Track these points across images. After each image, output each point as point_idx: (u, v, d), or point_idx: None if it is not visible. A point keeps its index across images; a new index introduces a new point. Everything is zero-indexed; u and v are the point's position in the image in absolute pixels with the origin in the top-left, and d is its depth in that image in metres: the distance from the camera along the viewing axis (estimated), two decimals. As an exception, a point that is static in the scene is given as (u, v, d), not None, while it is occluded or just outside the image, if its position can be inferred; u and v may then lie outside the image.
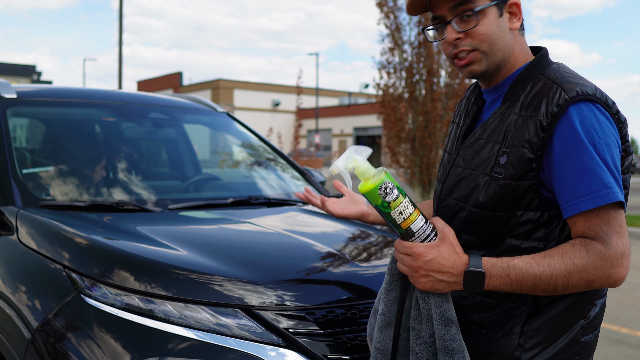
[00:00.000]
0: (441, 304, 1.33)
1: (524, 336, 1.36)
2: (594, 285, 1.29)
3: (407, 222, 1.32)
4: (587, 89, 1.31)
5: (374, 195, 1.32)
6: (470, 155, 1.44)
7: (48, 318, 1.81)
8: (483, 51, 1.41)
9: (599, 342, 4.55)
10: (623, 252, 1.27)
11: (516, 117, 1.37)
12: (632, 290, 6.37)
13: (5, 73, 40.83)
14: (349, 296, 1.85)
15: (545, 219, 1.35)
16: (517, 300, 1.38)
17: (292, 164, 3.45)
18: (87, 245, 1.97)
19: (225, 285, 1.77)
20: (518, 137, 1.34)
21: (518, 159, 1.33)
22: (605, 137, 1.29)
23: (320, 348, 1.71)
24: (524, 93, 1.38)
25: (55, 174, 2.73)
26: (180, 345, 1.66)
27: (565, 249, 1.29)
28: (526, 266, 1.28)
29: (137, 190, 2.78)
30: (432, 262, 1.30)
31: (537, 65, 1.42)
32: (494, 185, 1.36)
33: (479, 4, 1.39)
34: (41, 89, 3.22)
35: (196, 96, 3.82)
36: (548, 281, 1.28)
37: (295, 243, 2.16)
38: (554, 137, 1.30)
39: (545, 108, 1.31)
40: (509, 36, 1.42)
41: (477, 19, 1.38)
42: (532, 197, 1.34)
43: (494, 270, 1.29)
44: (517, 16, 1.42)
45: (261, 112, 47.53)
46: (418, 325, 1.38)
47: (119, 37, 19.48)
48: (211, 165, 3.86)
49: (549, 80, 1.36)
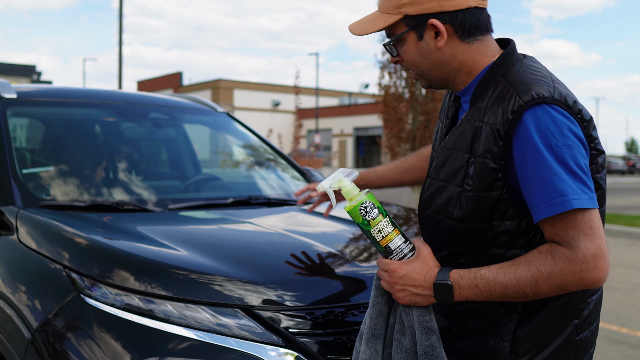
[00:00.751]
0: (423, 314, 1.38)
1: (516, 342, 1.36)
2: (568, 289, 1.27)
3: (386, 240, 1.40)
4: (543, 91, 1.29)
5: (356, 213, 1.41)
6: (440, 165, 1.44)
7: (48, 318, 1.81)
8: (417, 73, 1.48)
9: (599, 342, 4.55)
10: (594, 254, 1.23)
11: (480, 125, 1.35)
12: (632, 290, 6.37)
13: (5, 73, 40.83)
14: (349, 296, 1.85)
15: (524, 227, 1.34)
16: (507, 306, 1.37)
17: (292, 164, 3.45)
18: (87, 245, 1.97)
19: (225, 285, 1.77)
20: (481, 147, 1.33)
21: (482, 169, 1.32)
22: (565, 138, 1.26)
23: (320, 348, 1.71)
24: (487, 98, 1.36)
25: (55, 174, 2.73)
26: (180, 345, 1.66)
27: (532, 257, 1.28)
28: (493, 276, 1.29)
29: (137, 190, 2.78)
30: (405, 277, 1.36)
31: (499, 66, 1.39)
32: (465, 197, 1.36)
33: (396, 32, 1.44)
34: (41, 89, 3.22)
35: (196, 96, 3.82)
36: (516, 289, 1.28)
37: (295, 243, 2.16)
38: (512, 144, 1.29)
39: (502, 116, 1.30)
40: (437, 55, 1.41)
41: (400, 46, 1.45)
42: (506, 207, 1.33)
43: (462, 282, 1.32)
44: (442, 34, 1.39)
45: (261, 112, 47.52)
46: (401, 337, 1.41)
47: (119, 37, 19.48)
48: (211, 165, 3.86)
49: (507, 84, 1.34)
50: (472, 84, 1.43)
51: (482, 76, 1.40)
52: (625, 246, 9.57)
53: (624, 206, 16.58)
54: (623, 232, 10.65)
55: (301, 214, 2.66)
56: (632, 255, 8.74)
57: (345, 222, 2.54)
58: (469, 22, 1.39)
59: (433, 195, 1.44)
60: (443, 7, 1.37)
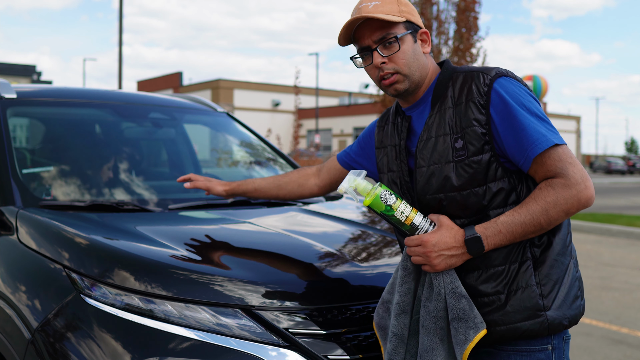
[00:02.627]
0: (452, 281, 1.57)
1: (540, 285, 1.57)
2: (571, 212, 1.52)
3: (409, 218, 1.60)
4: (501, 69, 1.63)
5: (378, 203, 1.58)
6: (427, 153, 1.65)
7: (48, 318, 1.81)
8: (404, 74, 1.68)
9: (599, 342, 4.55)
10: (582, 175, 1.52)
11: (452, 109, 1.63)
12: (632, 290, 6.37)
13: (5, 73, 40.82)
14: (349, 296, 1.85)
15: (513, 183, 1.59)
16: (517, 260, 1.58)
17: (292, 164, 3.45)
18: (87, 245, 1.97)
19: (225, 285, 1.77)
20: (464, 120, 1.59)
21: (473, 136, 1.58)
22: (527, 96, 1.59)
23: (320, 348, 1.71)
24: (449, 89, 1.66)
25: (55, 174, 2.73)
26: (181, 345, 1.66)
27: (536, 194, 1.54)
28: (510, 219, 1.53)
29: (137, 190, 2.78)
30: (438, 244, 1.56)
31: (447, 69, 1.71)
32: (461, 166, 1.59)
33: (398, 32, 1.67)
34: (41, 89, 3.22)
35: (196, 96, 3.82)
36: (532, 223, 1.52)
37: (295, 243, 2.16)
38: (490, 110, 1.57)
39: (477, 89, 1.60)
40: (423, 59, 1.71)
41: (398, 45, 1.66)
42: (496, 167, 1.57)
43: (487, 232, 1.54)
44: (427, 42, 1.73)
45: (261, 112, 47.51)
46: (428, 303, 1.60)
47: (119, 37, 19.48)
48: (211, 165, 3.85)
49: (467, 72, 1.65)
50: (426, 94, 1.72)
51: (438, 79, 1.70)
52: (625, 246, 9.57)
53: (624, 206, 16.58)
54: (623, 232, 10.65)
55: (301, 214, 2.66)
56: (632, 255, 8.73)
57: (345, 222, 2.54)
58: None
59: (429, 179, 1.64)
60: (420, 23, 1.73)
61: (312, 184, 2.18)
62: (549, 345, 1.60)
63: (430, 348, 1.58)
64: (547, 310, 1.57)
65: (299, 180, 2.20)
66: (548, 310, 1.57)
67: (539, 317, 1.56)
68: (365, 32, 1.69)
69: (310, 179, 2.19)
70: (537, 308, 1.56)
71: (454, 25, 16.23)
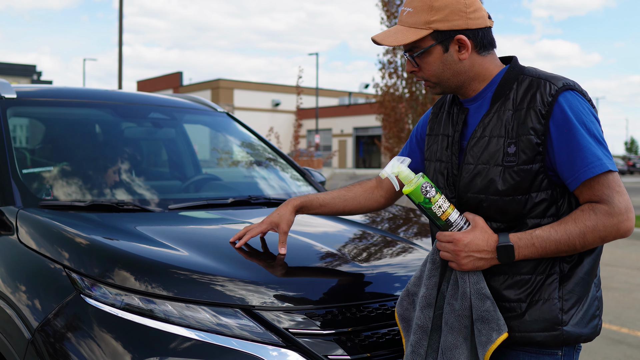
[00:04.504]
0: (478, 282, 1.58)
1: (562, 300, 1.57)
2: (607, 239, 1.52)
3: (446, 214, 1.59)
4: (568, 81, 1.58)
5: (417, 193, 1.59)
6: (478, 152, 1.62)
7: (48, 318, 1.81)
8: (433, 82, 1.68)
9: (599, 342, 4.55)
10: (626, 206, 1.51)
11: (511, 112, 1.58)
12: (632, 290, 6.37)
13: (5, 73, 40.83)
14: (349, 296, 1.85)
15: (555, 196, 1.57)
16: (544, 272, 1.57)
17: (292, 164, 3.45)
18: (87, 245, 1.97)
19: (225, 285, 1.77)
20: (522, 127, 1.56)
21: (527, 145, 1.55)
22: (590, 116, 1.55)
23: (320, 348, 1.71)
24: (513, 91, 1.61)
25: (55, 174, 2.73)
26: (181, 345, 1.66)
27: (576, 215, 1.53)
28: (546, 234, 1.52)
29: (137, 190, 2.78)
30: (470, 245, 1.56)
31: (514, 69, 1.65)
32: (509, 172, 1.56)
33: (423, 46, 1.63)
34: (41, 89, 3.22)
35: (196, 96, 3.82)
36: (567, 243, 1.51)
37: (295, 243, 2.16)
38: (550, 122, 1.53)
39: (541, 98, 1.55)
40: (459, 66, 1.64)
41: (422, 58, 1.64)
42: (542, 179, 1.55)
43: (520, 242, 1.54)
44: (465, 47, 1.62)
45: (261, 112, 47.51)
46: (454, 301, 1.61)
47: (119, 37, 19.47)
48: (211, 165, 3.85)
49: (534, 77, 1.60)
50: (486, 89, 1.66)
51: (503, 77, 1.64)
52: (625, 246, 9.57)
53: (623, 206, 16.56)
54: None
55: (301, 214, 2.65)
56: (632, 255, 8.73)
57: (345, 222, 2.54)
58: (487, 39, 1.64)
59: (474, 178, 1.62)
60: (468, 25, 1.61)
61: (377, 196, 2.07)
62: (559, 351, 1.61)
63: (453, 346, 1.60)
64: (564, 326, 1.57)
65: (365, 194, 2.07)
66: (565, 326, 1.57)
67: (556, 330, 1.57)
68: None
69: (374, 192, 2.08)
70: (555, 322, 1.56)
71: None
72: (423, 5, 1.61)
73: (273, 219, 2.00)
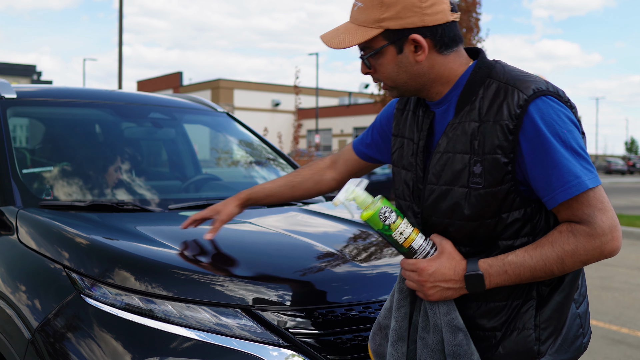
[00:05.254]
0: (449, 312, 1.42)
1: (538, 329, 1.42)
2: (590, 262, 1.36)
3: (408, 241, 1.43)
4: (540, 85, 1.37)
5: (375, 220, 1.42)
6: (440, 170, 1.45)
7: (48, 318, 1.81)
8: (390, 85, 1.50)
9: (599, 342, 4.55)
10: (610, 225, 1.33)
11: (477, 125, 1.39)
12: (632, 290, 6.37)
13: (5, 73, 40.84)
14: (349, 296, 1.85)
15: (529, 214, 1.40)
16: (521, 297, 1.42)
17: (292, 164, 3.45)
18: (87, 245, 1.97)
19: (225, 285, 1.77)
20: (488, 144, 1.37)
21: (494, 165, 1.37)
22: (565, 124, 1.35)
23: (320, 348, 1.71)
24: (478, 99, 1.41)
25: (55, 174, 2.73)
26: (181, 345, 1.66)
27: (554, 237, 1.36)
28: (520, 260, 1.36)
29: (137, 190, 2.78)
30: (435, 274, 1.40)
31: (481, 69, 1.45)
32: (475, 195, 1.39)
33: (375, 45, 1.44)
34: (41, 89, 3.22)
35: (196, 96, 3.82)
36: (543, 269, 1.35)
37: (295, 243, 2.16)
38: (520, 137, 1.35)
39: (508, 111, 1.36)
40: (416, 68, 1.44)
41: (375, 59, 1.46)
42: (513, 197, 1.38)
43: (491, 270, 1.37)
44: (422, 48, 1.42)
45: (261, 112, 47.51)
46: (426, 335, 1.46)
47: (119, 37, 19.47)
48: (211, 165, 3.85)
49: (501, 83, 1.40)
50: (451, 92, 1.47)
51: (467, 81, 1.44)
52: (625, 246, 9.57)
53: (624, 206, 16.57)
54: (623, 232, 10.64)
55: (301, 214, 2.66)
56: (632, 255, 8.73)
57: (345, 222, 2.54)
58: (447, 36, 1.43)
59: (437, 200, 1.45)
60: (424, 22, 1.40)
61: (329, 178, 1.95)
62: None
63: None
64: (541, 356, 1.42)
65: (314, 177, 1.97)
66: (543, 357, 1.42)
67: None
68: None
69: (325, 174, 1.96)
70: (531, 355, 1.42)
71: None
72: (373, 1, 1.42)
73: (217, 207, 2.03)
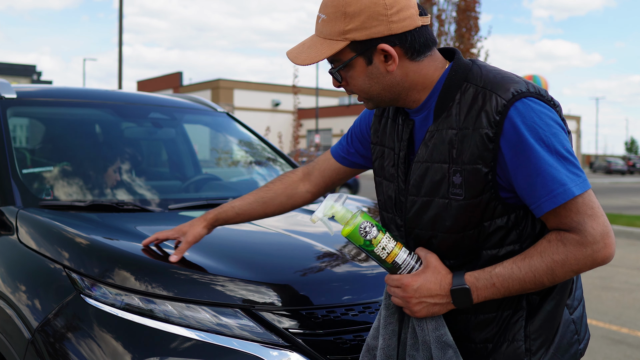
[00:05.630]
0: (437, 328, 1.37)
1: (529, 339, 1.37)
2: (581, 271, 1.30)
3: (391, 256, 1.38)
4: (519, 86, 1.30)
5: (356, 236, 1.38)
6: (420, 181, 1.40)
7: (48, 318, 1.81)
8: (364, 97, 1.43)
9: (599, 342, 4.55)
10: (602, 232, 1.26)
11: (455, 132, 1.34)
12: (632, 290, 6.37)
13: (5, 73, 40.84)
14: (349, 296, 1.85)
15: (513, 221, 1.34)
16: (511, 307, 1.38)
17: (292, 163, 3.45)
18: (87, 245, 1.97)
19: (225, 285, 1.77)
20: (468, 154, 1.31)
21: (474, 176, 1.31)
22: (549, 127, 1.28)
23: (320, 348, 1.71)
24: (455, 105, 1.35)
25: (55, 174, 2.73)
26: (181, 345, 1.66)
27: (543, 247, 1.30)
28: (508, 272, 1.30)
29: (137, 190, 2.78)
30: (421, 289, 1.35)
31: (457, 72, 1.38)
32: (456, 207, 1.34)
33: (344, 58, 1.38)
34: (41, 89, 3.22)
35: (196, 96, 3.82)
36: (533, 281, 1.30)
37: (295, 243, 2.16)
38: (500, 144, 1.29)
39: (487, 119, 1.29)
40: (387, 78, 1.38)
41: (346, 72, 1.40)
42: (495, 205, 1.33)
43: (478, 283, 1.32)
44: (392, 57, 1.35)
45: (261, 112, 47.51)
46: (414, 352, 1.42)
47: (119, 37, 19.47)
48: (211, 165, 3.85)
49: (479, 87, 1.33)
50: (429, 98, 1.41)
51: (443, 86, 1.38)
52: (625, 246, 9.57)
53: (623, 206, 16.57)
54: (623, 232, 10.65)
55: (301, 214, 2.66)
56: (632, 255, 8.73)
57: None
58: (418, 42, 1.37)
59: (419, 212, 1.41)
60: (391, 30, 1.33)
61: (303, 191, 1.87)
62: None
63: None
64: None
65: (287, 191, 1.87)
66: None
67: None
68: None
69: (299, 187, 1.87)
70: None
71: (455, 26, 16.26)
72: (336, 12, 1.34)
73: (183, 228, 1.90)
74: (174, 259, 1.84)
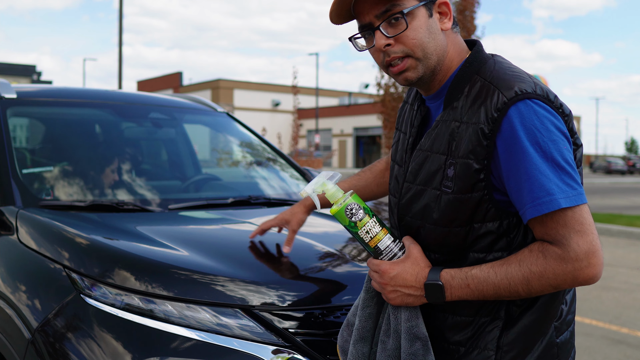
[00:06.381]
0: (410, 319, 1.36)
1: (500, 351, 1.32)
2: (562, 287, 1.24)
3: (374, 240, 1.38)
4: (525, 86, 1.25)
5: (342, 215, 1.39)
6: (417, 169, 1.39)
7: (48, 318, 1.81)
8: (416, 57, 1.34)
9: (599, 342, 4.55)
10: (587, 251, 1.20)
11: (458, 125, 1.31)
12: (632, 290, 6.37)
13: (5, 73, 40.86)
14: (349, 296, 1.85)
15: (505, 227, 1.30)
16: (489, 315, 1.34)
17: (292, 163, 3.45)
18: (87, 245, 1.97)
19: (225, 285, 1.77)
20: (462, 148, 1.28)
21: (465, 171, 1.28)
22: (550, 133, 1.23)
23: (320, 348, 1.71)
24: (462, 97, 1.32)
25: (55, 174, 2.73)
26: (181, 345, 1.66)
27: (523, 256, 1.25)
28: (484, 275, 1.27)
29: (137, 190, 2.78)
30: (396, 278, 1.34)
31: (472, 64, 1.36)
32: (444, 200, 1.31)
33: (406, 5, 1.31)
34: (41, 89, 3.22)
35: (196, 96, 3.82)
36: (508, 289, 1.25)
37: (295, 243, 2.16)
38: (496, 143, 1.25)
39: (485, 114, 1.26)
40: (441, 37, 1.35)
41: (406, 22, 1.31)
42: (487, 207, 1.29)
43: (453, 282, 1.29)
44: (447, 16, 1.35)
45: (261, 112, 47.53)
46: (386, 339, 1.41)
47: (119, 37, 19.47)
48: (211, 165, 3.85)
49: (485, 82, 1.30)
50: (447, 84, 1.38)
51: (456, 75, 1.36)
52: (625, 246, 9.57)
53: (623, 206, 16.57)
54: (623, 232, 10.64)
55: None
56: (632, 255, 8.73)
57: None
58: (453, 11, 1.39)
59: (412, 200, 1.39)
60: None
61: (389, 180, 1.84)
62: None
63: None
64: None
65: (376, 180, 1.90)
66: None
67: None
68: (366, 6, 1.34)
69: (386, 175, 1.88)
70: None
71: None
72: None
73: (285, 216, 1.98)
74: (286, 250, 1.95)
